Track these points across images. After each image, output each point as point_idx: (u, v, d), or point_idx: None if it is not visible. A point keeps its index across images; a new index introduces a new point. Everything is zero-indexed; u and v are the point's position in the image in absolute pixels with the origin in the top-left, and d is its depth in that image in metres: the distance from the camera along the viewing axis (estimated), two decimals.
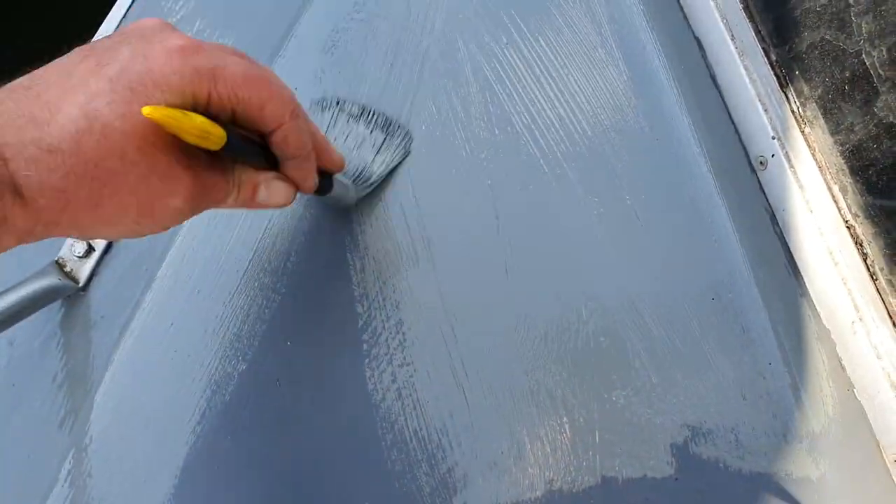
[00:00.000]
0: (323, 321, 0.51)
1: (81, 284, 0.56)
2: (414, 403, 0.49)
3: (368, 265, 0.51)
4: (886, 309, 0.45)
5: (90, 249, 0.56)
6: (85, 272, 0.56)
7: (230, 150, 0.32)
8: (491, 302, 0.49)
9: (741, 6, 0.50)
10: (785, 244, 0.48)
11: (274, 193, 0.38)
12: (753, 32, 0.49)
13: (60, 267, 0.56)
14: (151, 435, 0.53)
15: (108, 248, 0.57)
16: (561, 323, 0.48)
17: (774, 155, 0.48)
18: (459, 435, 0.48)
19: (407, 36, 0.56)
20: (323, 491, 0.49)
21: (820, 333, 0.46)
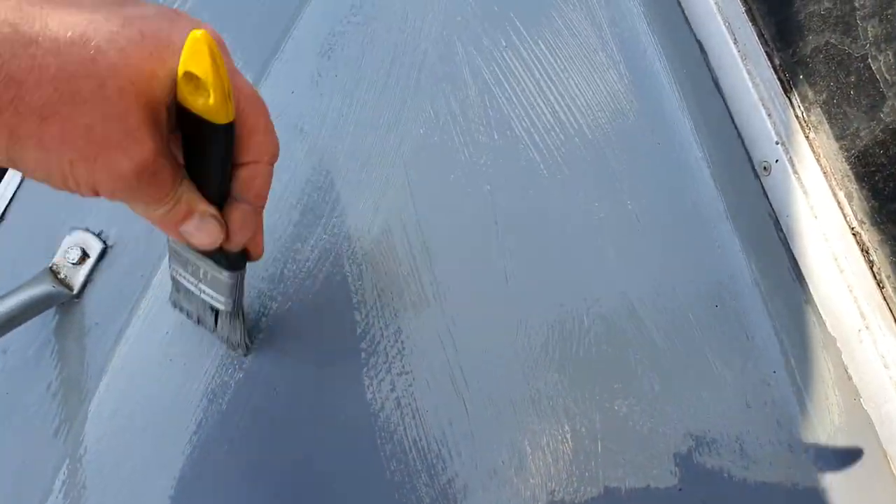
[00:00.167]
0: (320, 329, 0.50)
1: (76, 291, 0.55)
2: (413, 413, 0.48)
3: (366, 272, 0.50)
4: (894, 317, 0.44)
5: (84, 256, 0.56)
6: (79, 279, 0.55)
7: (227, 134, 0.30)
8: (491, 309, 0.49)
9: (743, 9, 0.49)
10: (789, 250, 0.47)
11: (203, 231, 0.34)
12: (756, 36, 0.48)
13: (54, 274, 0.55)
14: (147, 444, 0.52)
15: (102, 254, 0.56)
16: (562, 330, 0.47)
17: (778, 160, 0.47)
18: (459, 444, 0.47)
19: (404, 39, 0.55)
20: (321, 501, 0.48)
21: (825, 341, 0.46)
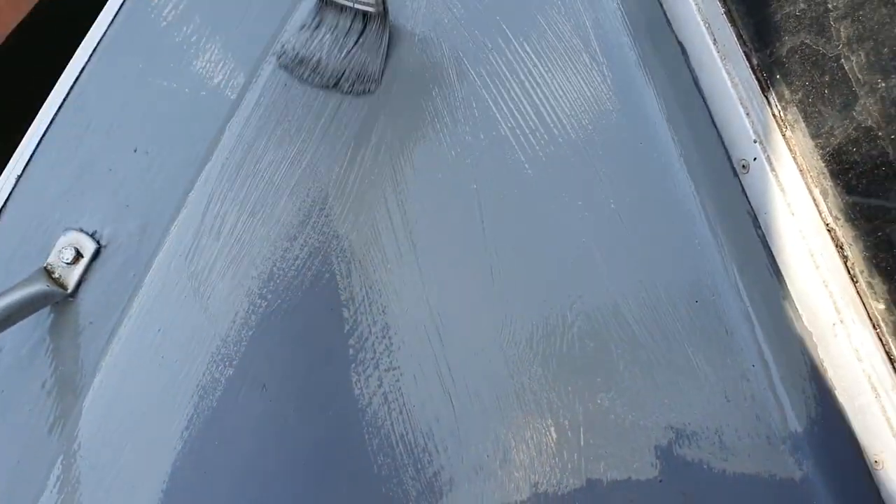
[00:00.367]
0: (309, 326, 0.51)
1: (70, 291, 0.56)
2: (400, 408, 0.49)
3: (354, 270, 0.51)
4: (867, 311, 0.45)
5: (78, 256, 0.56)
6: (73, 279, 0.56)
7: None
8: (477, 305, 0.49)
9: (723, 10, 0.50)
10: (767, 247, 0.48)
11: None
12: (735, 36, 0.49)
13: (49, 273, 0.56)
14: (139, 440, 0.53)
15: (96, 254, 0.57)
16: (546, 326, 0.48)
17: (756, 158, 0.48)
18: (445, 439, 0.48)
19: (390, 41, 0.56)
20: (309, 495, 0.49)
21: (802, 335, 0.47)
